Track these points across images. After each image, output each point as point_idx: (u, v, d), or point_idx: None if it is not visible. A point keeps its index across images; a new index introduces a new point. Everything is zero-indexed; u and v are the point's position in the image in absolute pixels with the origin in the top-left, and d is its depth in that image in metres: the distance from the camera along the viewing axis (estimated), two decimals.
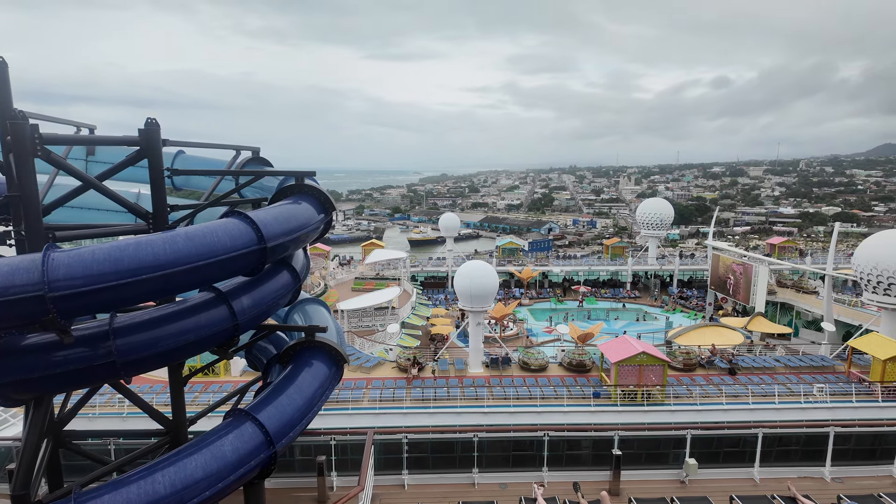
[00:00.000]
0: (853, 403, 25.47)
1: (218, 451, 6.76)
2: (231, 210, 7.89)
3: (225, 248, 6.79)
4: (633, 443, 16.42)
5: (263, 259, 7.41)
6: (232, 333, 7.49)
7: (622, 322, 53.81)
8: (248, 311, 7.63)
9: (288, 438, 7.62)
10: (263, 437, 7.25)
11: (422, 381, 27.63)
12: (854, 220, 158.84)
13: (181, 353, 7.11)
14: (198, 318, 7.16)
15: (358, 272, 59.97)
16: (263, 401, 7.83)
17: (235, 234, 7.00)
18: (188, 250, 6.37)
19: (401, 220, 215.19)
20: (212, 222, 7.17)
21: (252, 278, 8.06)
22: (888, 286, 30.33)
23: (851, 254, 34.61)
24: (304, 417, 8.00)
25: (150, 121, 7.62)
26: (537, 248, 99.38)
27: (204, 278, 6.83)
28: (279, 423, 7.51)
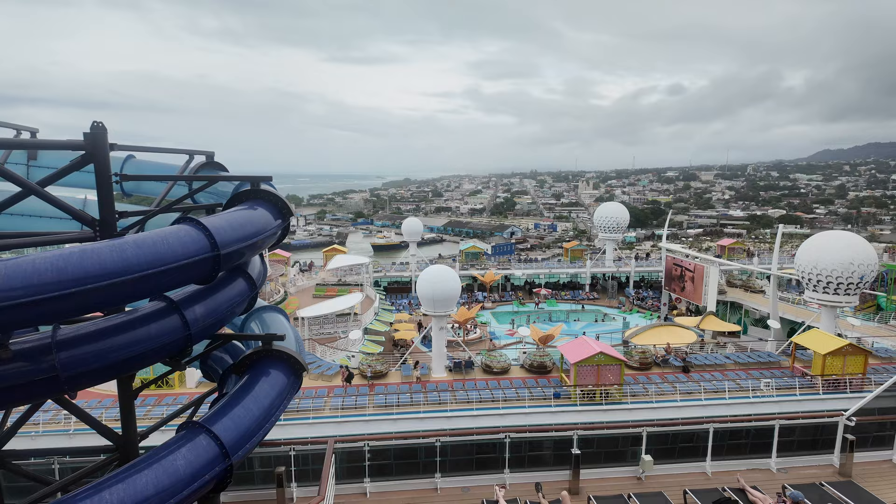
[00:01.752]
0: (797, 397, 26.79)
1: (170, 465, 6.55)
2: (183, 216, 7.68)
3: (176, 255, 6.61)
4: (593, 442, 16.81)
5: (217, 266, 7.25)
6: (184, 344, 7.28)
7: (582, 323, 54.97)
8: (201, 320, 7.43)
9: (244, 450, 7.45)
10: (218, 449, 7.06)
11: (356, 389, 27.62)
12: (797, 222, 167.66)
13: (130, 366, 6.86)
14: (148, 328, 6.92)
15: (319, 278, 59.06)
16: (218, 412, 7.63)
17: (187, 241, 6.83)
18: (137, 258, 6.17)
19: (364, 225, 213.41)
20: (163, 229, 6.96)
21: (206, 286, 7.87)
22: (827, 284, 32.13)
23: (794, 254, 36.46)
24: (262, 428, 7.84)
25: (95, 124, 7.35)
26: (500, 251, 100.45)
27: (154, 287, 6.62)
28: (235, 434, 7.34)
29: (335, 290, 53.26)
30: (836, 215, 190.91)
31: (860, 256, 31.73)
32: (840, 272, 31.64)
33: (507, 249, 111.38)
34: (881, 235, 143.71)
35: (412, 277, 60.52)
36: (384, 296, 58.09)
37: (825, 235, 35.07)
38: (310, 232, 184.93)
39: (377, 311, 48.75)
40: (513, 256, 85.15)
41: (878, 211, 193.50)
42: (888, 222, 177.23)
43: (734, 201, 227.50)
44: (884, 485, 16.46)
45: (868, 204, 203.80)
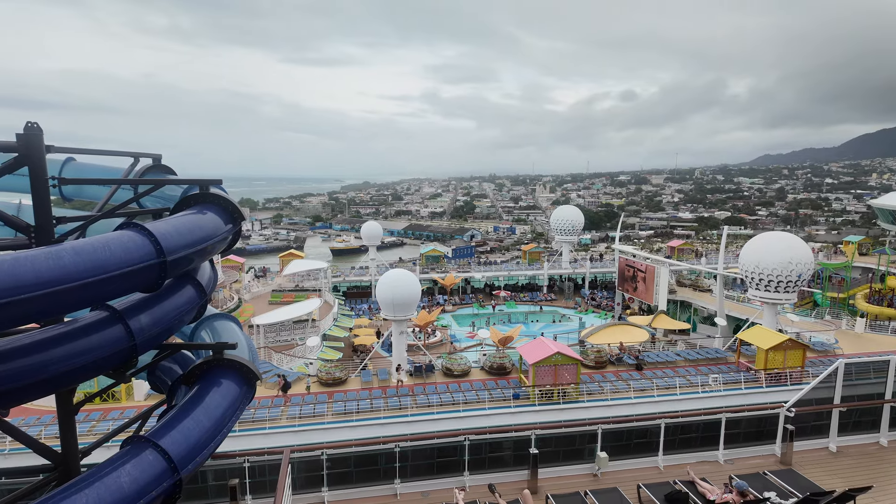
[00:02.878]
0: (742, 391, 28.06)
1: (113, 482, 6.24)
2: (127, 222, 7.36)
3: (119, 262, 6.31)
4: (551, 441, 17.10)
5: (164, 273, 6.97)
6: (129, 355, 6.96)
7: (540, 324, 55.91)
8: (147, 329, 7.13)
9: (194, 464, 7.18)
10: (166, 464, 6.78)
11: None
12: (741, 223, 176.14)
13: (70, 379, 6.50)
14: (89, 339, 6.58)
15: (275, 284, 57.74)
16: (166, 425, 7.33)
17: (131, 247, 6.54)
18: (76, 266, 5.86)
19: (322, 229, 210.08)
20: (104, 235, 6.65)
21: (152, 294, 7.55)
22: (768, 283, 33.88)
23: (739, 254, 38.24)
24: (213, 440, 7.58)
25: (30, 125, 6.95)
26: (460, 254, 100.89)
27: (95, 296, 6.31)
28: (184, 447, 7.06)
29: (292, 296, 52.17)
30: (776, 217, 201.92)
31: (798, 256, 33.62)
32: (780, 271, 33.43)
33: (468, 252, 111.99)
34: (817, 236, 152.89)
35: (372, 282, 60.03)
36: (343, 301, 57.37)
37: (766, 237, 36.97)
38: (265, 236, 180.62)
39: (336, 317, 48.07)
40: (473, 259, 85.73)
41: (814, 212, 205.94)
42: (823, 223, 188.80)
43: (683, 204, 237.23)
44: (821, 471, 17.47)
45: (805, 206, 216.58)
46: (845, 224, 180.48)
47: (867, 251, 64.92)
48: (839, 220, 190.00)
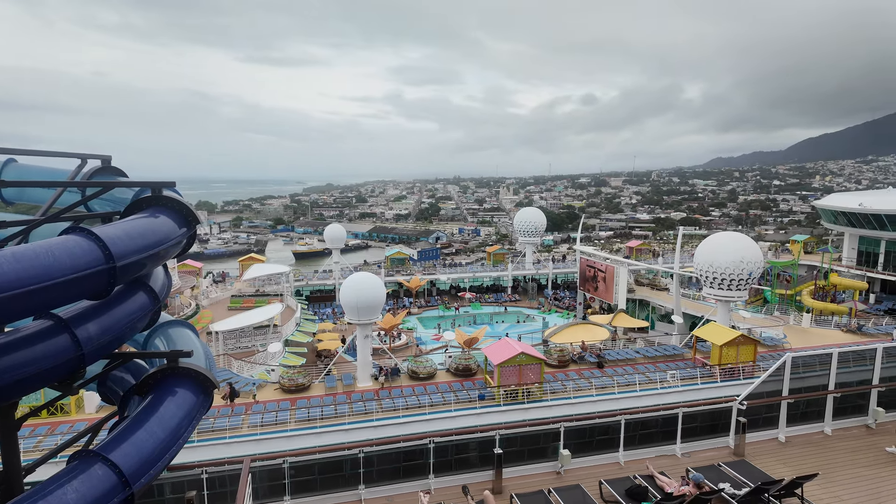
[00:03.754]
0: (698, 386, 29.07)
1: (59, 500, 5.92)
2: (73, 226, 7.02)
3: (64, 269, 6.01)
4: (515, 440, 17.26)
5: (113, 280, 6.68)
6: (76, 365, 6.63)
7: (505, 325, 56.44)
8: (95, 338, 6.81)
9: (148, 477, 6.90)
10: (117, 478, 6.48)
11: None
12: (696, 224, 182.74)
13: (11, 392, 6.14)
14: (32, 349, 6.23)
15: (235, 289, 56.26)
16: (117, 437, 7.01)
17: (77, 252, 6.24)
18: (16, 273, 5.55)
19: (284, 232, 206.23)
20: (48, 240, 6.32)
21: (101, 302, 7.23)
22: (721, 281, 35.22)
23: (694, 254, 39.60)
24: (168, 451, 7.30)
25: None
26: (425, 257, 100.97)
27: (38, 304, 5.98)
28: (136, 461, 6.77)
29: (252, 301, 50.99)
30: (728, 217, 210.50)
31: (749, 255, 35.08)
32: (732, 270, 34.80)
33: (433, 254, 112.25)
34: (766, 235, 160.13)
35: (336, 285, 59.28)
36: (306, 305, 56.39)
37: (719, 237, 38.43)
38: (224, 240, 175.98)
39: (299, 322, 47.20)
40: (438, 261, 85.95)
41: (763, 213, 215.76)
42: (771, 223, 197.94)
43: (640, 205, 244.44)
44: (772, 460, 18.27)
45: (755, 207, 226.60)
46: (792, 224, 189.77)
47: (812, 249, 68.39)
48: (786, 220, 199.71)
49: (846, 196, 66.76)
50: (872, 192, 74.72)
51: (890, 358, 22.55)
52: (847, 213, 57.76)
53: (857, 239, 59.49)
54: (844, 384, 21.65)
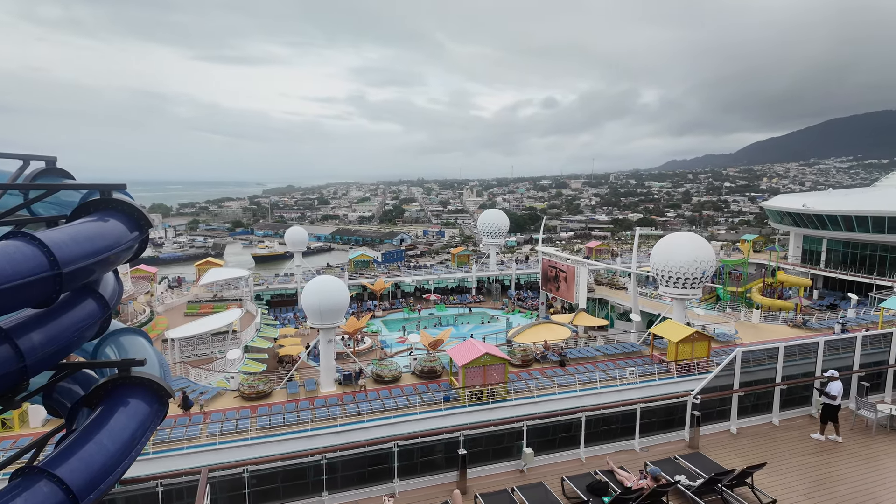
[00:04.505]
0: (656, 381, 29.99)
1: None
2: (15, 231, 6.67)
3: (5, 276, 5.69)
4: (480, 440, 17.37)
5: (59, 287, 6.38)
6: (18, 377, 6.29)
7: (470, 326, 56.77)
8: (39, 349, 6.48)
9: (98, 492, 6.61)
10: (64, 495, 6.17)
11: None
12: (652, 224, 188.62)
13: None
14: None
15: (191, 295, 54.53)
16: (64, 452, 6.68)
17: (18, 258, 5.92)
18: None
19: (243, 235, 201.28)
20: None
21: (46, 310, 6.90)
22: (676, 280, 36.47)
23: (650, 254, 40.85)
24: (120, 465, 7.00)
25: None
26: (390, 259, 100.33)
27: None
28: (85, 476, 6.46)
29: (210, 306, 49.52)
30: (683, 218, 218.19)
31: (702, 254, 36.45)
32: (686, 268, 36.09)
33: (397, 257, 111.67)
34: (718, 235, 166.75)
35: (297, 289, 58.25)
36: (267, 310, 55.18)
37: (674, 237, 39.79)
38: (180, 244, 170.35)
39: (259, 327, 46.13)
40: (403, 263, 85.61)
41: (715, 213, 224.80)
42: (723, 223, 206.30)
43: (599, 207, 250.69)
44: (724, 452, 19.01)
45: (707, 208, 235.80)
46: (742, 224, 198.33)
47: (760, 248, 71.68)
48: (737, 221, 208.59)
49: (791, 197, 70.38)
50: (815, 194, 78.88)
51: (832, 350, 23.87)
52: (792, 213, 60.86)
53: (802, 238, 62.76)
54: (790, 377, 22.77)
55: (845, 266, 57.25)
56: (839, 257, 58.21)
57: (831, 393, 20.26)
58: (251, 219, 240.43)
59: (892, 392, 24.58)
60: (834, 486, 16.33)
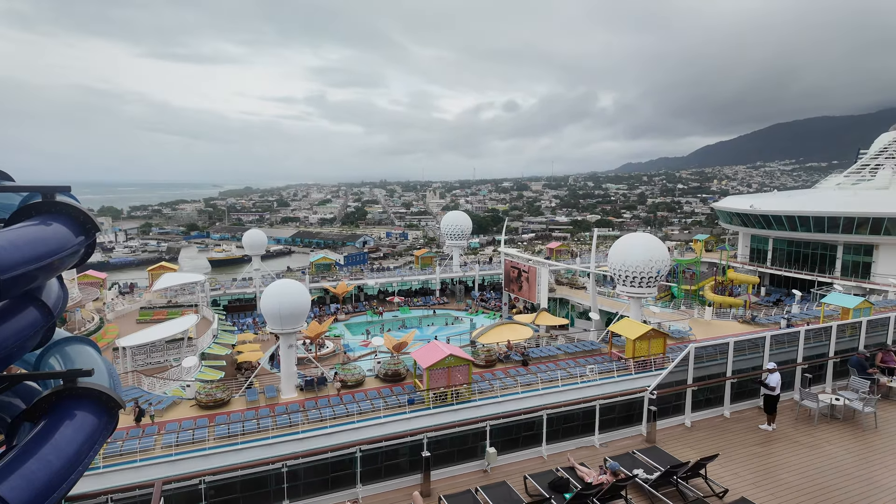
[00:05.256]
0: (615, 378, 30.72)
1: None
2: None
3: None
4: (445, 442, 17.43)
5: None
6: None
7: (434, 328, 56.77)
8: None
9: None
10: None
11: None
12: (609, 225, 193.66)
13: None
14: None
15: (144, 301, 52.45)
16: (4, 469, 6.31)
17: None
18: None
19: (199, 239, 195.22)
20: None
21: None
22: (633, 279, 37.53)
23: (608, 254, 41.89)
24: (66, 481, 6.67)
25: None
26: (353, 261, 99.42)
27: None
28: (28, 493, 6.13)
29: (164, 312, 47.78)
30: (638, 219, 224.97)
31: (657, 254, 37.61)
32: (642, 268, 37.18)
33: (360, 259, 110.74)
34: (672, 235, 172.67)
35: (256, 293, 56.87)
36: (224, 316, 53.64)
37: (630, 237, 40.92)
38: (132, 248, 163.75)
39: (216, 334, 44.79)
40: (366, 266, 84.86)
41: (669, 214, 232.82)
42: (676, 224, 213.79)
43: (559, 208, 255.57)
44: (679, 445, 19.71)
45: (661, 209, 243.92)
46: (694, 224, 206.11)
47: (712, 248, 74.59)
48: (689, 221, 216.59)
49: (739, 199, 73.61)
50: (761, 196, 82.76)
51: (778, 345, 25.11)
52: (740, 214, 63.68)
53: (750, 237, 65.75)
54: (740, 371, 23.82)
55: (789, 264, 60.34)
56: (784, 255, 61.30)
57: (770, 384, 21.33)
58: (207, 222, 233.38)
59: (833, 383, 26.08)
60: (779, 473, 17.16)
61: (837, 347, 26.56)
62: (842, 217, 53.97)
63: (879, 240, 52.94)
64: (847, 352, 26.72)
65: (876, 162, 62.30)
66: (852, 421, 21.85)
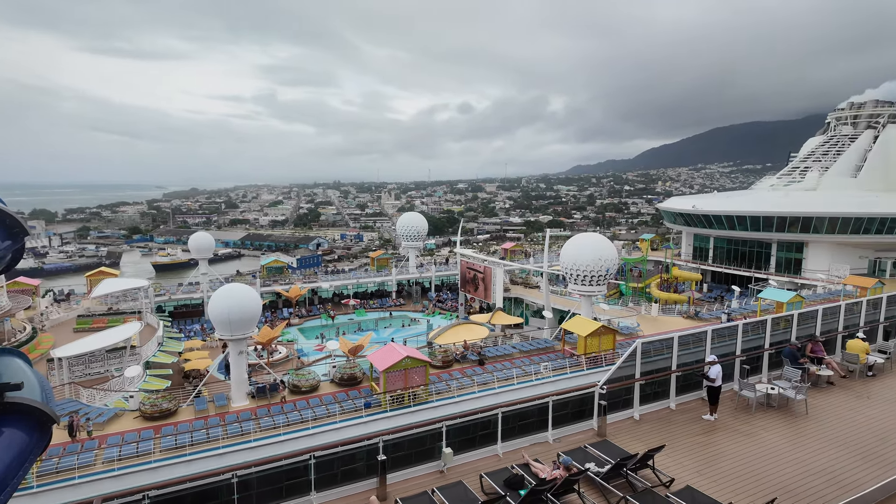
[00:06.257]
0: (568, 375, 31.42)
1: None
2: None
3: None
4: (402, 444, 17.39)
5: None
6: None
7: (390, 329, 56.46)
8: None
9: None
10: None
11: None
12: (561, 226, 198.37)
13: None
14: None
15: (82, 308, 49.62)
16: None
17: None
18: None
19: (141, 242, 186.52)
20: None
21: None
22: (584, 278, 38.58)
23: (560, 254, 42.87)
24: None
25: None
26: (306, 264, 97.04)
27: None
28: None
29: (104, 320, 45.37)
30: (588, 219, 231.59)
31: (606, 253, 38.78)
32: (592, 267, 38.27)
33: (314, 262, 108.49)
34: (620, 235, 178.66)
35: (204, 298, 54.86)
36: (170, 322, 51.45)
37: (580, 237, 42.00)
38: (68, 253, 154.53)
39: (162, 341, 42.88)
40: (320, 269, 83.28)
41: (617, 215, 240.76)
42: (624, 224, 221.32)
43: (513, 209, 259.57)
44: (628, 438, 20.44)
45: (610, 210, 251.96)
46: (640, 224, 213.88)
47: (657, 247, 77.65)
48: (636, 221, 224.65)
49: (682, 200, 76.92)
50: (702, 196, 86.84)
51: (719, 338, 26.44)
52: (683, 214, 66.61)
53: (692, 236, 68.86)
54: (685, 364, 24.94)
55: (729, 261, 63.62)
56: (724, 253, 64.57)
57: (710, 376, 22.47)
58: (150, 224, 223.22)
59: (769, 373, 27.69)
60: (720, 461, 18.08)
61: (772, 339, 28.25)
62: (775, 217, 57.41)
63: (809, 237, 56.66)
64: (781, 343, 28.47)
65: (804, 165, 66.61)
66: (786, 408, 23.28)
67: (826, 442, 19.75)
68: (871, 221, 53.85)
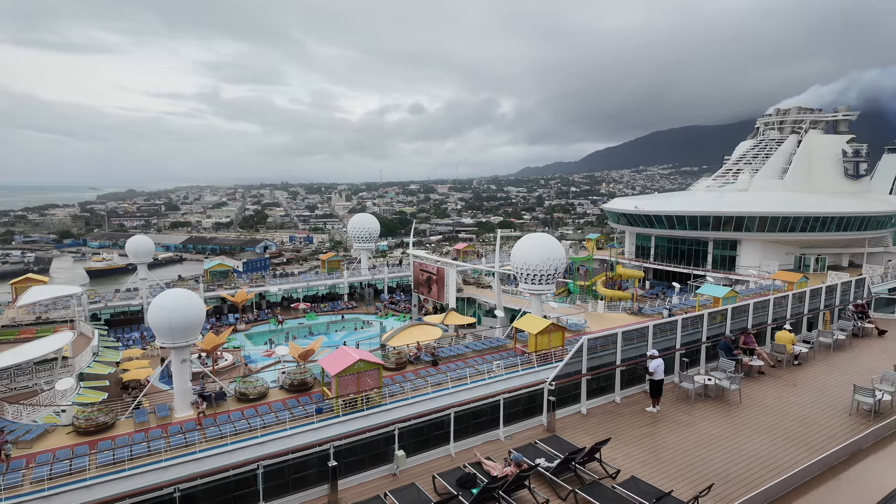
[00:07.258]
0: (519, 372, 31.94)
1: None
2: None
3: None
4: (355, 449, 17.22)
5: None
6: None
7: (343, 333, 55.63)
8: None
9: None
10: None
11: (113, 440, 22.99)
12: (511, 226, 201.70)
13: None
14: None
15: (7, 318, 46.15)
16: None
17: None
18: None
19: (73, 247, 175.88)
20: None
21: None
22: (533, 277, 39.41)
23: (510, 254, 43.57)
24: None
25: None
26: (253, 268, 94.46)
27: None
28: None
29: (33, 330, 42.35)
30: (537, 220, 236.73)
31: (554, 253, 39.69)
32: (542, 266, 39.13)
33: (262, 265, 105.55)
34: (567, 235, 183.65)
35: (143, 305, 52.26)
36: (106, 331, 48.65)
37: (530, 237, 42.83)
38: None
39: (97, 351, 40.46)
40: (268, 272, 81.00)
41: (564, 216, 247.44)
42: (571, 224, 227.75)
43: (465, 210, 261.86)
44: (577, 432, 21.08)
45: (557, 210, 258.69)
46: (586, 224, 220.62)
47: (602, 246, 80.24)
48: (582, 221, 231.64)
49: (625, 200, 79.89)
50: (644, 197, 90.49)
51: (661, 333, 27.66)
52: (626, 214, 69.27)
53: (635, 236, 71.69)
54: (628, 359, 25.95)
55: (669, 259, 66.67)
56: (665, 251, 67.61)
57: (650, 369, 23.53)
58: (83, 228, 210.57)
59: (706, 365, 29.22)
60: (663, 451, 18.95)
61: (709, 333, 29.84)
62: (711, 216, 60.67)
63: (741, 236, 60.24)
64: (717, 336, 30.11)
65: (737, 167, 70.73)
66: (722, 398, 24.66)
67: (757, 429, 21.08)
68: (796, 220, 57.88)
